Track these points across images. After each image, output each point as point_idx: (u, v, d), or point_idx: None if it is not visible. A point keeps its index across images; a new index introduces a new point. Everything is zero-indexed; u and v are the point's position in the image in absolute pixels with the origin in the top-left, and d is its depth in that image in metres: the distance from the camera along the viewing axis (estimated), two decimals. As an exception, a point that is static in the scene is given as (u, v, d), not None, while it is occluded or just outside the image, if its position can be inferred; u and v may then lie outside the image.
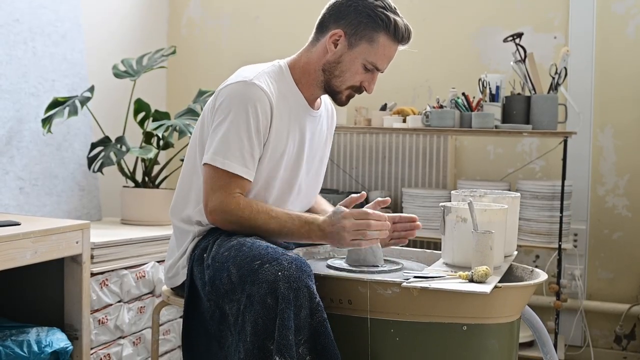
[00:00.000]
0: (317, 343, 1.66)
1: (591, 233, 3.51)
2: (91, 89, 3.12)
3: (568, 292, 3.49)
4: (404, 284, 1.69)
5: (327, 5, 1.98)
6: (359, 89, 1.99)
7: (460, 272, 1.73)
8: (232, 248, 1.77)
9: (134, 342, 2.74)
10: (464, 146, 3.73)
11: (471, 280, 1.71)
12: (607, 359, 3.50)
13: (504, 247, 1.99)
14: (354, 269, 1.92)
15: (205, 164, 1.88)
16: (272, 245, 1.77)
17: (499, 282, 1.75)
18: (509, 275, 2.02)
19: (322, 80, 1.98)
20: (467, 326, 1.74)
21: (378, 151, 3.71)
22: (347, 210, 1.84)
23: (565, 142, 3.08)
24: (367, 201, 3.56)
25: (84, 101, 3.04)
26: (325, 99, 2.17)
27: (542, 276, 1.90)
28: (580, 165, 3.48)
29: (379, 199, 2.03)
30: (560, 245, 2.98)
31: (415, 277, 1.75)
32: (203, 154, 1.93)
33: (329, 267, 1.95)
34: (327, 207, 2.25)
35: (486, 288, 1.62)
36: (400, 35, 1.92)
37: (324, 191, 3.59)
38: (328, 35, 1.94)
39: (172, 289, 2.09)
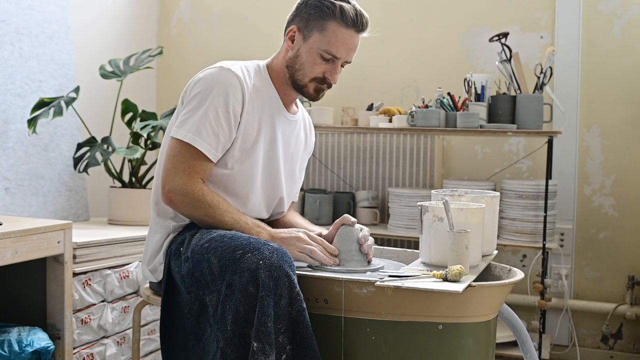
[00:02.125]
0: (296, 333, 1.68)
1: (578, 233, 3.51)
2: (76, 90, 3.13)
3: (555, 291, 3.50)
4: (378, 283, 1.69)
5: None
6: (323, 80, 2.01)
7: (435, 271, 1.74)
8: (213, 240, 1.80)
9: (118, 342, 2.74)
10: (451, 146, 3.74)
11: (445, 279, 1.71)
12: (594, 358, 3.50)
13: (483, 247, 2.00)
14: (334, 268, 1.92)
15: (172, 137, 1.91)
16: (253, 237, 1.80)
17: (476, 281, 1.75)
18: (488, 274, 2.03)
19: (288, 77, 2.03)
20: (442, 325, 1.74)
21: (366, 151, 3.72)
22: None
23: (551, 141, 3.08)
24: (354, 203, 3.57)
25: (69, 102, 3.05)
26: (305, 112, 2.23)
27: (518, 275, 1.91)
28: (567, 164, 3.49)
29: (346, 216, 2.02)
30: (544, 245, 2.99)
31: (390, 276, 1.76)
32: None
33: (310, 266, 1.95)
34: (306, 224, 2.25)
35: (458, 287, 1.63)
36: (349, 20, 1.95)
37: (312, 191, 3.60)
38: (286, 34, 2.02)
39: (152, 288, 2.10)
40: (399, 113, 3.33)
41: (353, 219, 1.99)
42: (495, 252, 2.12)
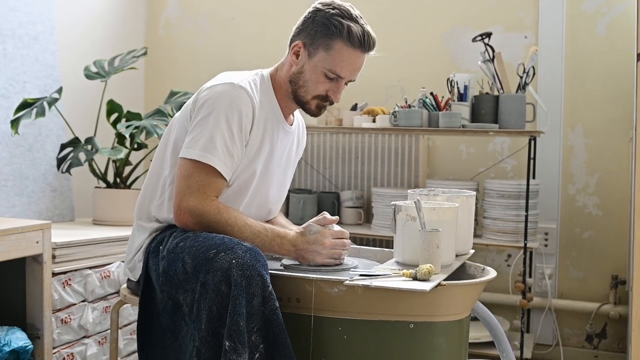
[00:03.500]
0: (269, 331, 1.68)
1: (562, 232, 3.52)
2: (59, 91, 3.13)
3: (539, 291, 3.51)
4: (347, 282, 1.70)
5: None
6: (325, 98, 2.00)
7: (405, 270, 1.74)
8: (188, 239, 1.80)
9: (99, 342, 2.75)
10: (436, 146, 3.75)
11: (415, 278, 1.71)
12: (579, 357, 3.51)
13: (457, 246, 2.00)
14: (308, 267, 1.93)
15: (183, 158, 1.88)
16: (227, 236, 1.80)
17: (449, 279, 1.76)
18: (462, 274, 2.04)
19: (290, 92, 2.01)
20: (414, 324, 1.75)
21: (351, 151, 3.73)
22: (323, 228, 1.91)
23: (534, 141, 3.09)
24: (339, 203, 3.58)
25: (52, 102, 3.05)
26: (298, 116, 2.22)
27: (490, 274, 1.91)
28: (551, 164, 3.50)
29: (327, 216, 2.02)
30: (525, 244, 2.99)
31: (360, 275, 1.76)
32: (175, 151, 1.95)
33: (284, 265, 1.96)
34: (286, 224, 2.25)
35: (426, 286, 1.63)
36: (355, 41, 1.93)
37: (297, 191, 3.60)
38: (291, 48, 1.99)
39: (130, 288, 2.11)
40: (382, 113, 3.33)
41: (332, 218, 1.99)
42: (472, 251, 2.12)
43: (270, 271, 1.79)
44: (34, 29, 3.33)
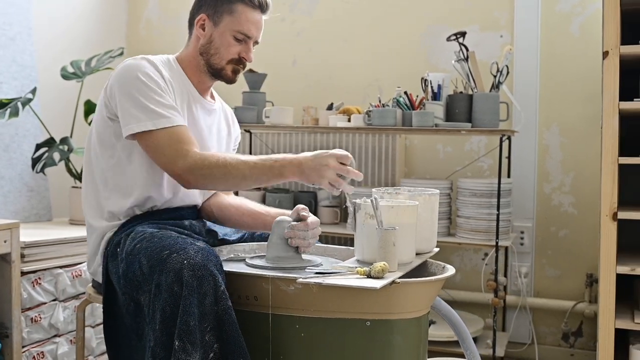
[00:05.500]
0: (222, 331, 1.69)
1: (538, 231, 3.53)
2: (33, 91, 3.14)
3: (516, 289, 3.52)
4: (300, 280, 1.71)
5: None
6: (239, 61, 2.09)
7: (359, 268, 1.75)
8: (144, 240, 1.82)
9: (70, 341, 2.75)
10: (414, 145, 3.76)
11: (369, 276, 1.72)
12: (555, 355, 3.52)
13: (420, 244, 2.01)
14: (274, 266, 1.93)
15: (141, 133, 1.89)
16: (182, 236, 1.82)
17: (408, 277, 1.77)
18: (424, 271, 2.04)
19: (203, 64, 2.08)
20: (370, 322, 1.75)
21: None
22: (330, 151, 1.87)
23: (509, 140, 3.10)
24: (316, 202, 3.59)
25: (26, 102, 3.06)
26: (226, 106, 2.29)
27: (449, 272, 1.92)
28: (527, 163, 3.51)
29: (299, 206, 2.04)
30: (497, 243, 3.00)
31: (316, 273, 1.78)
32: (100, 141, 1.98)
33: (248, 265, 1.97)
34: (255, 207, 2.26)
35: (376, 284, 1.64)
36: (255, 3, 2.05)
37: (274, 190, 3.61)
38: (195, 23, 2.08)
39: (94, 287, 2.12)
40: (358, 112, 3.35)
41: (304, 214, 2.00)
42: (436, 249, 2.13)
43: (228, 270, 1.81)
44: (11, 29, 3.33)
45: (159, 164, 1.91)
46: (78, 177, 3.36)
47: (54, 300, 2.68)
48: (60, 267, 2.69)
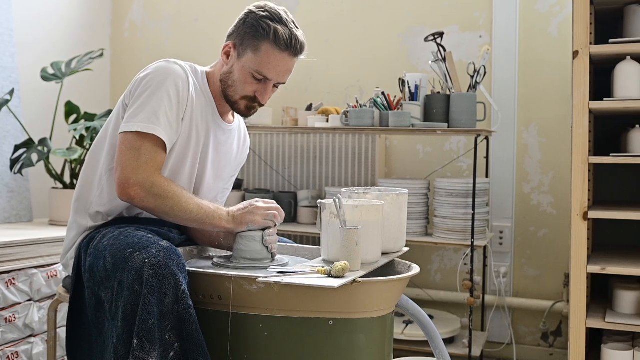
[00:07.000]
0: (183, 330, 1.70)
1: (517, 230, 3.54)
2: (11, 92, 3.15)
3: (494, 289, 3.53)
4: (260, 279, 1.72)
5: None
6: (253, 99, 2.03)
7: (320, 267, 1.76)
8: (112, 237, 1.84)
9: (46, 341, 2.76)
10: (394, 145, 3.77)
11: (330, 275, 1.73)
12: (534, 355, 3.53)
13: (387, 244, 2.02)
14: (240, 265, 1.94)
15: (126, 132, 1.88)
16: (148, 235, 1.83)
17: (374, 276, 1.78)
18: (391, 271, 2.05)
19: (221, 91, 2.05)
20: (333, 321, 1.76)
21: (309, 151, 3.75)
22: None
23: (487, 140, 3.11)
24: (296, 203, 3.60)
25: (3, 104, 3.07)
26: (242, 125, 2.27)
27: (413, 271, 1.93)
28: (506, 162, 3.52)
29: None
30: (472, 243, 3.01)
31: (278, 272, 1.79)
32: (112, 143, 1.98)
33: (215, 264, 1.97)
34: None
35: (334, 283, 1.65)
36: (282, 44, 1.95)
37: (254, 191, 3.62)
38: (223, 48, 2.04)
39: (65, 287, 2.13)
40: (336, 113, 3.36)
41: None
42: (405, 249, 2.13)
43: (190, 269, 1.82)
44: (-9, 31, 3.35)
45: (122, 164, 1.87)
46: (58, 178, 3.37)
47: (29, 300, 2.69)
48: (36, 267, 2.70)
